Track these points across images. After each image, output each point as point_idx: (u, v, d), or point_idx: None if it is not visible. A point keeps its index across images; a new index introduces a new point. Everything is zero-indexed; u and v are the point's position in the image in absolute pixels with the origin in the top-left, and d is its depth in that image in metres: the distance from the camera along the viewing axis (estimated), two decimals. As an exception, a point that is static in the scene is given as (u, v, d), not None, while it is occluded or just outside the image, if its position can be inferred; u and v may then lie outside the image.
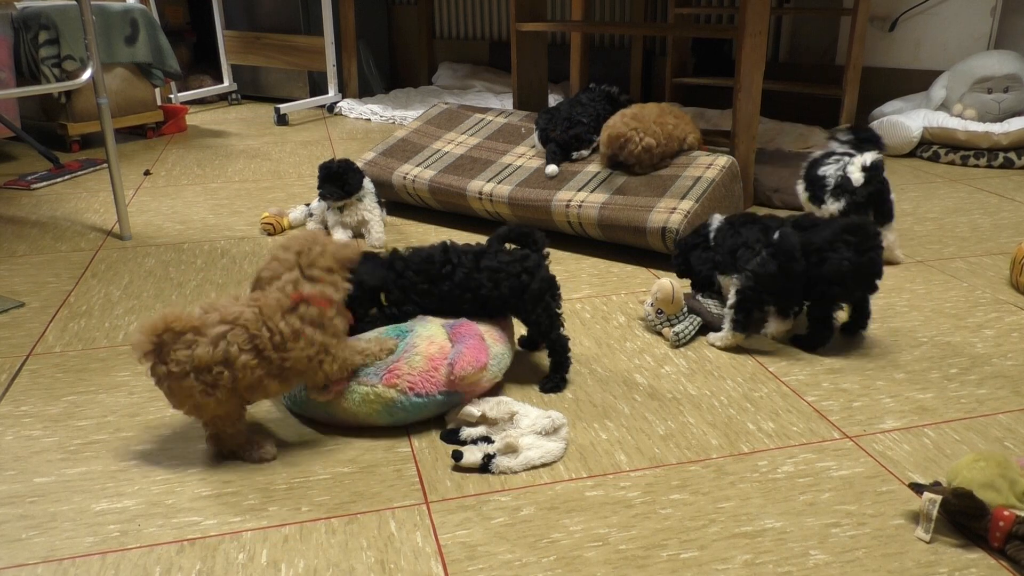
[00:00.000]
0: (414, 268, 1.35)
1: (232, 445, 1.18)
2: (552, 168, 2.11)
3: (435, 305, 1.36)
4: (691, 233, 1.63)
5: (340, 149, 3.18)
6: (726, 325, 1.51)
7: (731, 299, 1.49)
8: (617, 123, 2.06)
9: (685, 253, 1.62)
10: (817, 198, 1.87)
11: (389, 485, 1.13)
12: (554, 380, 1.38)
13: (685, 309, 1.56)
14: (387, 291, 1.35)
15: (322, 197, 2.07)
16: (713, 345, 1.52)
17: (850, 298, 1.51)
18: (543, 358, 1.46)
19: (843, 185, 1.80)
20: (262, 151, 3.19)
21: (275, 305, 1.13)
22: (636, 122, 2.04)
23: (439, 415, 1.28)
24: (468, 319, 1.33)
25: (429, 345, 1.26)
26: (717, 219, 1.58)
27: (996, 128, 2.75)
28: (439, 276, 1.35)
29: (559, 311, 1.38)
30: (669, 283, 1.53)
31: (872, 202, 1.79)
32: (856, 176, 1.75)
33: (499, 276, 1.34)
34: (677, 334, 1.53)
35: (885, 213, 1.82)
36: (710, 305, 1.57)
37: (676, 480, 1.14)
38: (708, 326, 1.57)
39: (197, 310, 1.13)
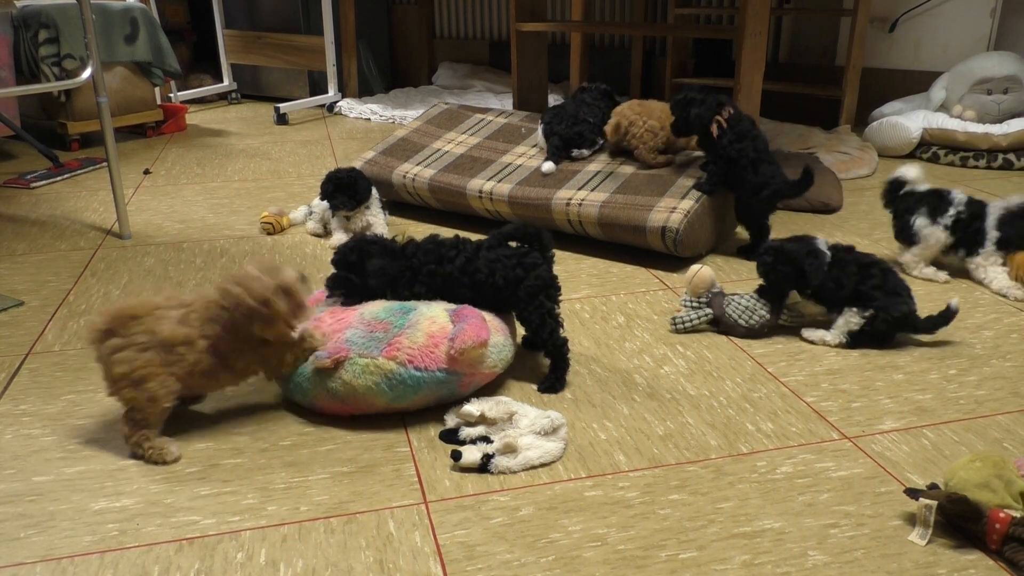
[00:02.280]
0: (425, 250, 1.42)
1: (149, 435, 1.19)
2: (548, 165, 2.11)
3: (439, 286, 1.40)
4: None
5: (340, 149, 3.18)
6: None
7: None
8: (623, 109, 2.12)
9: None
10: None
11: (388, 485, 1.13)
12: (550, 380, 1.38)
13: (704, 299, 1.59)
14: (395, 287, 1.42)
15: (333, 208, 2.06)
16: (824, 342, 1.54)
17: None
18: (544, 358, 1.46)
19: None
20: (262, 150, 3.19)
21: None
22: (641, 107, 2.10)
23: (439, 409, 1.28)
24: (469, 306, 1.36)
25: (431, 324, 1.27)
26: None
27: (995, 129, 2.75)
28: (445, 259, 1.40)
29: (556, 312, 1.38)
30: (696, 267, 1.60)
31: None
32: None
33: (495, 266, 1.37)
34: (675, 319, 1.59)
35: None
36: (735, 307, 1.57)
37: (675, 480, 1.14)
38: (718, 323, 1.58)
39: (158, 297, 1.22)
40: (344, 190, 2.03)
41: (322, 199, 2.08)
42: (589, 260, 1.98)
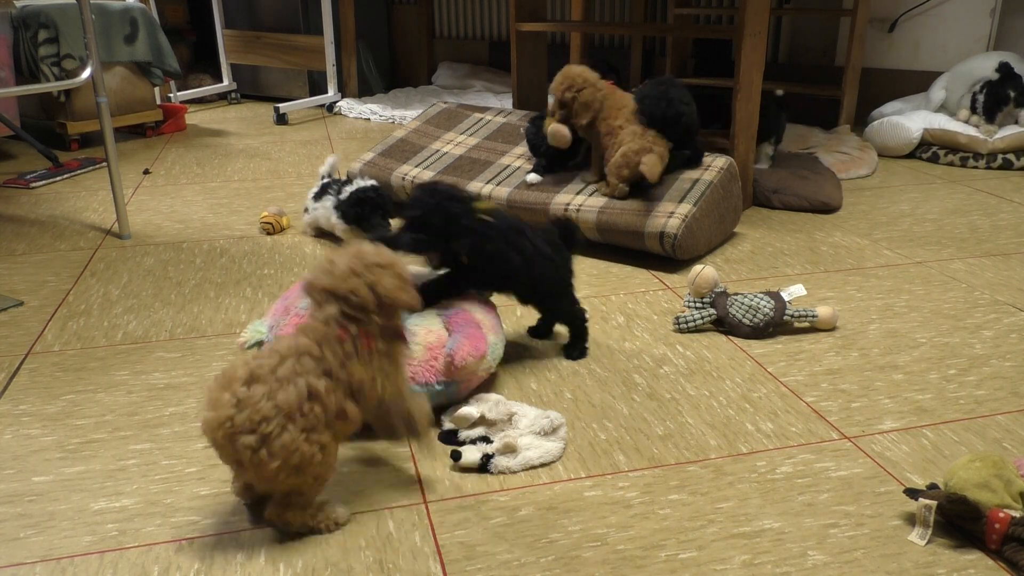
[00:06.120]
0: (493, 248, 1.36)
1: (306, 517, 1.02)
2: (533, 176, 2.11)
3: (497, 283, 1.44)
4: None
5: (339, 149, 3.18)
6: None
7: None
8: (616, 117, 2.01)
9: None
10: None
11: (388, 485, 1.13)
12: (579, 348, 1.49)
13: (707, 299, 1.60)
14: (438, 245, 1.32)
15: (369, 228, 1.91)
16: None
17: None
18: (543, 357, 1.46)
19: None
20: (261, 150, 3.19)
21: (323, 333, 0.99)
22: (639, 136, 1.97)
23: (437, 412, 1.28)
24: (464, 305, 1.35)
25: (427, 334, 1.27)
26: None
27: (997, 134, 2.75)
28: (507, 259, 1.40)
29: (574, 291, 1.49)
30: (698, 268, 1.60)
31: None
32: None
33: (545, 267, 1.43)
34: (678, 319, 1.60)
35: None
36: (739, 306, 1.57)
37: (675, 480, 1.14)
38: (722, 323, 1.58)
39: (245, 362, 0.98)
40: (377, 209, 1.92)
41: (349, 222, 1.94)
42: (588, 260, 1.98)
